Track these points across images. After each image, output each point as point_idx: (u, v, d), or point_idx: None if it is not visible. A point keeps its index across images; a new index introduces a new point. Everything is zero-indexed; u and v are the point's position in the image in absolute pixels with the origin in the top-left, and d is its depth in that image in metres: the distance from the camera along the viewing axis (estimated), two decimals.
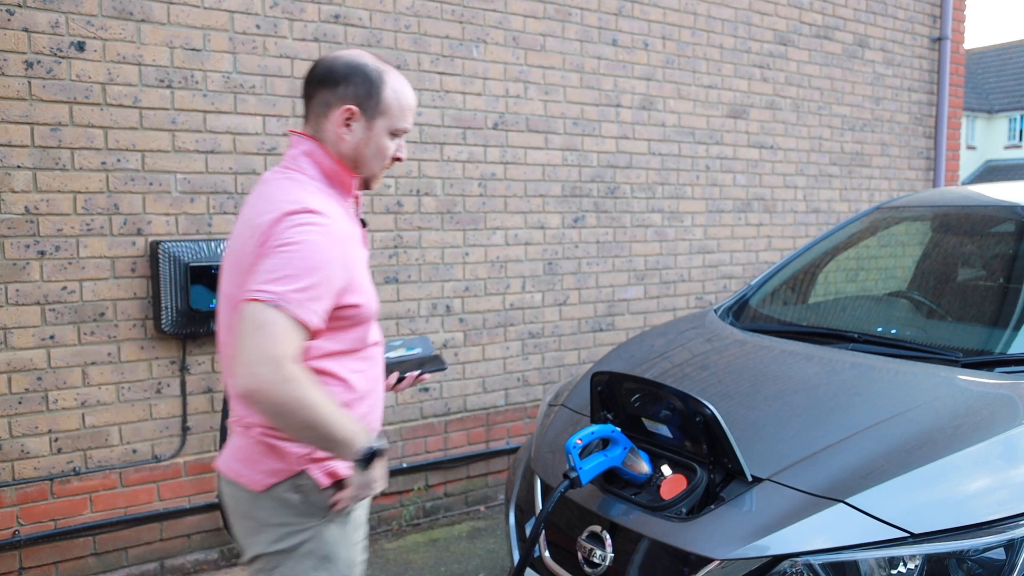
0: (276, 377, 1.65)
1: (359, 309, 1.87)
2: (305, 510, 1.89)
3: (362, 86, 1.90)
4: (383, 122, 1.93)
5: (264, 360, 1.66)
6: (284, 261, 1.73)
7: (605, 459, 2.35)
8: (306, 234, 1.75)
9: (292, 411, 1.68)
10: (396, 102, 1.94)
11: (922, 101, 6.77)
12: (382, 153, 1.95)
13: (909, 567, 1.94)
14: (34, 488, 3.49)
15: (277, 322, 1.68)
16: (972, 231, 3.67)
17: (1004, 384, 2.49)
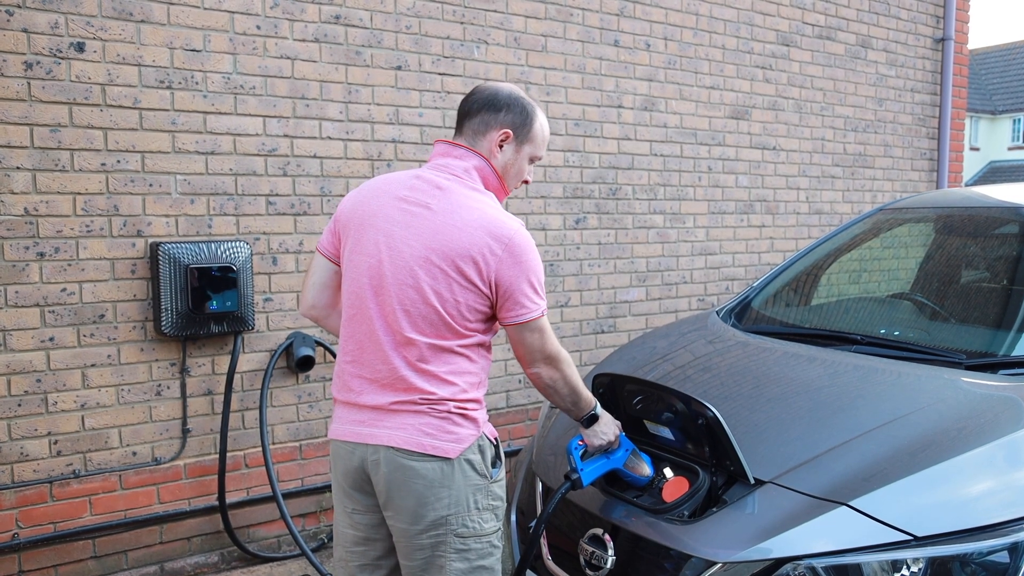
0: (561, 368, 2.22)
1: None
2: (483, 467, 2.18)
3: (519, 115, 2.23)
4: (528, 148, 2.27)
5: (555, 359, 2.21)
6: (535, 276, 2.15)
7: (606, 461, 2.35)
8: (533, 249, 2.16)
9: (561, 385, 2.25)
10: (541, 133, 2.29)
11: (925, 102, 6.76)
12: (521, 174, 2.30)
13: (912, 570, 1.93)
14: (33, 491, 3.48)
15: (548, 327, 2.20)
16: (975, 233, 3.65)
17: (1008, 386, 2.47)
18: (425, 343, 2.10)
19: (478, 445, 2.16)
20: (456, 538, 2.12)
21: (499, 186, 2.25)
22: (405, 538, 2.15)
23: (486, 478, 2.17)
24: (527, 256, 2.12)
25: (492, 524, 2.19)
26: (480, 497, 2.15)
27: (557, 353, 2.22)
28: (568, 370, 2.25)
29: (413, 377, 2.10)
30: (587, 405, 2.31)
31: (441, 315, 2.08)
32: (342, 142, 4.09)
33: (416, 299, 2.08)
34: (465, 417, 2.14)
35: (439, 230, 2.08)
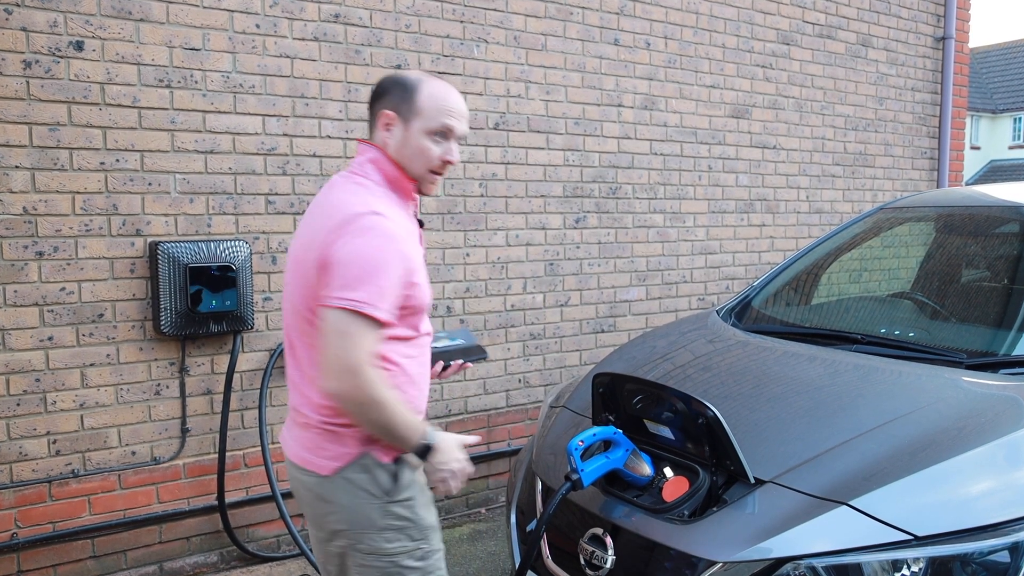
0: (355, 383, 1.90)
1: (416, 300, 2.05)
2: (374, 487, 2.05)
3: (399, 93, 2.09)
4: (418, 123, 2.07)
5: (347, 366, 1.90)
6: (357, 265, 1.93)
7: (607, 461, 2.34)
8: (373, 235, 1.95)
9: (366, 408, 1.94)
10: (432, 103, 2.08)
11: (926, 101, 6.75)
12: (423, 155, 2.08)
13: (913, 570, 1.92)
14: (32, 490, 3.48)
15: (356, 327, 1.91)
16: (976, 232, 3.65)
17: (1008, 385, 2.47)
18: (304, 352, 2.07)
19: (360, 464, 2.04)
20: (357, 553, 2.07)
21: (399, 174, 2.09)
22: (317, 544, 2.19)
23: (379, 498, 2.04)
24: (363, 236, 1.93)
25: (398, 544, 2.06)
26: (377, 517, 2.05)
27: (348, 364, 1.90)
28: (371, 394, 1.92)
29: (303, 387, 2.09)
30: (410, 436, 2.01)
31: (309, 318, 2.01)
32: (342, 141, 4.08)
33: (297, 302, 2.05)
34: (335, 435, 2.05)
35: (308, 229, 2.05)
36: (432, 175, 2.13)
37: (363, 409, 1.94)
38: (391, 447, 2.05)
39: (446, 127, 2.09)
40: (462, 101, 2.14)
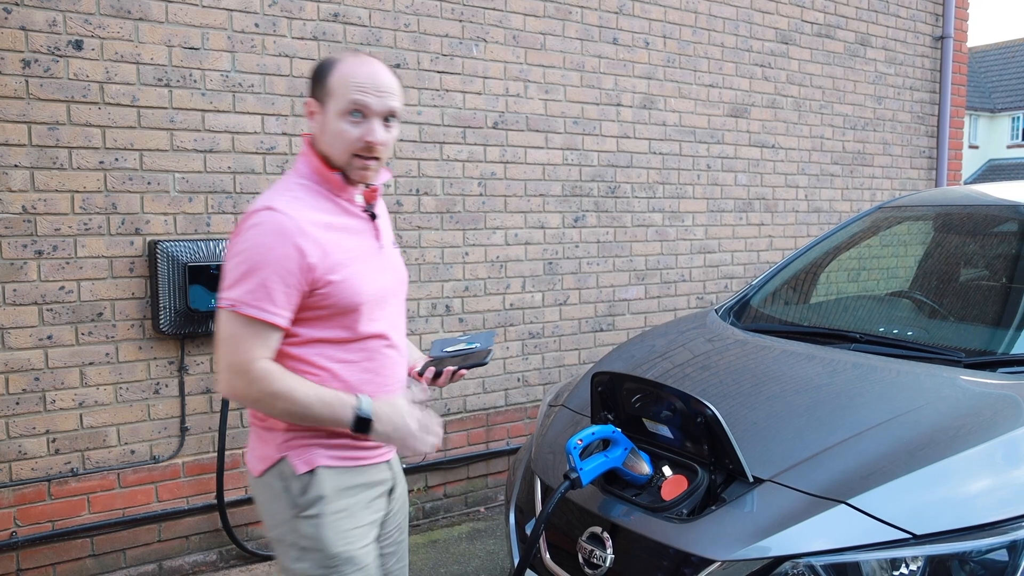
0: (244, 381, 1.86)
1: (336, 299, 1.91)
2: (286, 498, 1.97)
3: (316, 77, 1.97)
4: (332, 105, 1.93)
5: (231, 367, 1.86)
6: (237, 263, 1.86)
7: (606, 460, 2.34)
8: (256, 232, 1.86)
9: (269, 405, 1.88)
10: (341, 81, 1.92)
11: (924, 100, 6.76)
12: (342, 137, 1.92)
13: (911, 568, 1.93)
14: (32, 489, 3.48)
15: (238, 328, 1.84)
16: (974, 231, 3.65)
17: (1007, 384, 2.47)
18: None
19: (278, 470, 1.97)
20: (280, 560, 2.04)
21: (320, 164, 1.97)
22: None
23: (290, 509, 1.96)
24: (247, 233, 1.86)
25: (301, 566, 1.96)
26: (287, 529, 1.97)
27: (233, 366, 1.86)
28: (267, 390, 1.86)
29: None
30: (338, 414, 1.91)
31: None
32: None
33: None
34: (262, 436, 2.00)
35: None
36: (358, 160, 1.95)
37: (267, 406, 1.89)
38: (309, 456, 1.95)
39: (356, 103, 1.91)
40: (381, 74, 1.95)
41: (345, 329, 1.95)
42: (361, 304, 1.95)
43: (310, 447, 1.97)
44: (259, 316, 1.83)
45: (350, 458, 2.01)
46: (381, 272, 2.04)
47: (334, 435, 1.98)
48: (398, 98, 1.98)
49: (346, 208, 2.00)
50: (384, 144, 1.96)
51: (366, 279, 1.97)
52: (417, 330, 4.39)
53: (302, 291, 1.87)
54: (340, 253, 1.93)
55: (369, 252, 2.02)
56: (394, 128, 2.00)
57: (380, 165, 2.00)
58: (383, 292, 2.03)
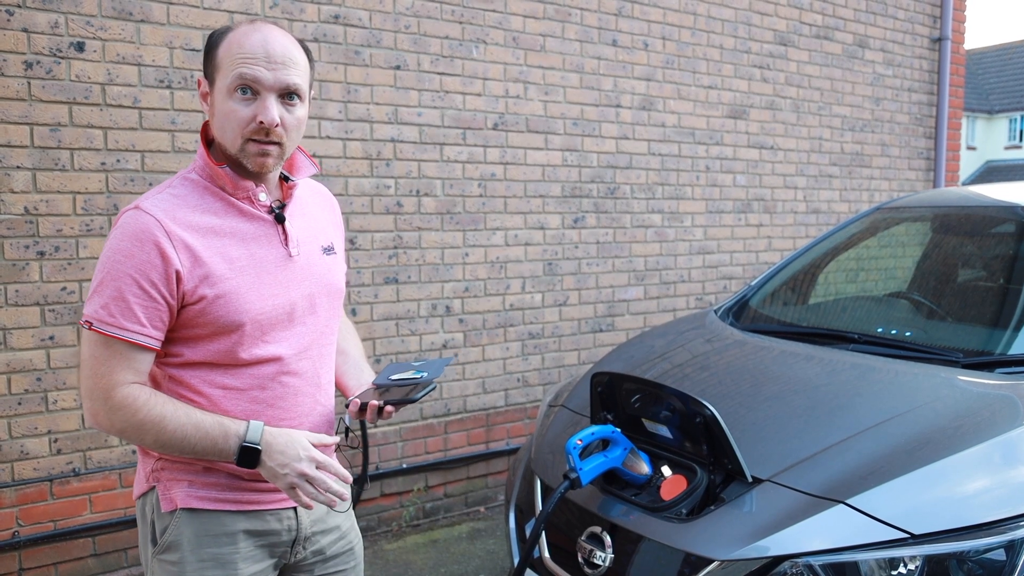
0: (105, 410, 1.60)
1: (216, 315, 1.63)
2: (148, 533, 1.73)
3: (206, 52, 1.68)
4: (220, 81, 1.63)
5: (91, 394, 1.61)
6: (96, 272, 1.61)
7: (605, 460, 2.35)
8: (115, 237, 1.60)
9: (136, 436, 1.62)
10: (227, 52, 1.62)
11: (922, 101, 6.77)
12: (229, 119, 1.62)
13: (909, 568, 1.94)
14: (33, 489, 3.49)
15: (96, 348, 1.59)
16: (972, 232, 3.66)
17: (1004, 385, 2.48)
18: None
19: (147, 499, 1.74)
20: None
21: (207, 160, 1.69)
22: None
23: (150, 545, 1.73)
24: (109, 237, 1.61)
25: None
26: (147, 567, 1.75)
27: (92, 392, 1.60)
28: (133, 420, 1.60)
29: None
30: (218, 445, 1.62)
31: None
32: (341, 141, 4.10)
33: None
34: (143, 455, 1.76)
35: None
36: (254, 145, 1.63)
37: (135, 437, 1.62)
38: (173, 492, 1.69)
39: (243, 78, 1.59)
40: (275, 42, 1.63)
41: (227, 353, 1.66)
42: (244, 324, 1.64)
43: (177, 482, 1.70)
44: (118, 335, 1.57)
45: (228, 500, 1.71)
46: (284, 286, 1.71)
47: (211, 470, 1.70)
48: (300, 72, 1.66)
49: (241, 209, 1.70)
50: (283, 126, 1.64)
51: (255, 294, 1.66)
52: (417, 331, 4.40)
53: (171, 305, 1.60)
54: (219, 263, 1.63)
55: (266, 262, 1.70)
56: (299, 108, 1.68)
57: (283, 152, 1.69)
58: (282, 309, 1.71)
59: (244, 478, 1.71)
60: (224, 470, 1.69)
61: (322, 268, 1.81)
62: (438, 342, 4.48)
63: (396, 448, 4.41)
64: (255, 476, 1.69)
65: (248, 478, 1.71)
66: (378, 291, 4.27)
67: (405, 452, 4.45)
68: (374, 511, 4.39)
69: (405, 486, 4.48)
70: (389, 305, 4.31)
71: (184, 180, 1.68)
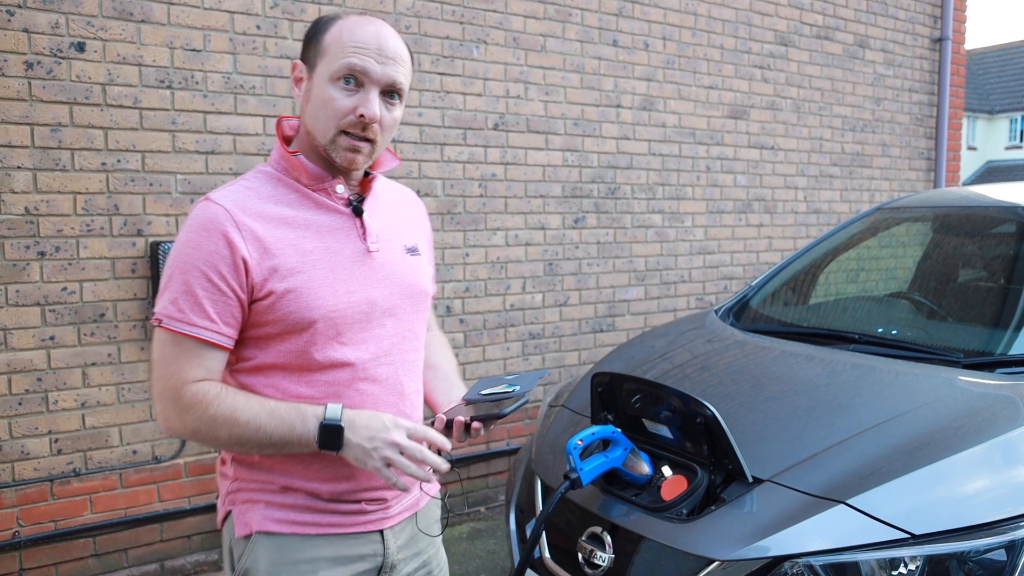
0: (176, 411, 1.50)
1: (284, 313, 1.52)
2: (229, 559, 1.64)
3: (309, 36, 1.60)
4: (322, 67, 1.56)
5: (161, 396, 1.52)
6: (166, 267, 1.53)
7: (605, 460, 2.35)
8: (185, 230, 1.52)
9: (211, 435, 1.52)
10: (337, 39, 1.55)
11: (923, 102, 6.77)
12: (327, 107, 1.54)
13: (910, 568, 1.94)
14: (34, 489, 3.49)
15: (166, 347, 1.51)
16: (973, 232, 3.66)
17: (1005, 385, 2.48)
18: None
19: (228, 525, 1.64)
20: None
21: (284, 151, 1.61)
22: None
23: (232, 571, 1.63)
24: (180, 231, 1.54)
25: None
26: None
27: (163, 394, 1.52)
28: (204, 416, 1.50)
29: None
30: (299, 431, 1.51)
31: None
32: None
33: None
34: (221, 478, 1.67)
35: None
36: (346, 139, 1.56)
37: (209, 437, 1.52)
38: (249, 515, 1.59)
39: (352, 67, 1.53)
40: (389, 38, 1.58)
41: (300, 354, 1.55)
42: (315, 322, 1.53)
43: (253, 503, 1.59)
44: (186, 332, 1.48)
45: (308, 524, 1.59)
46: (362, 283, 1.60)
47: (289, 490, 1.58)
48: (406, 71, 1.62)
49: (317, 200, 1.61)
50: (382, 123, 1.58)
51: (329, 290, 1.55)
52: None
53: (240, 298, 1.51)
54: (291, 255, 1.54)
55: (342, 256, 1.59)
56: (397, 109, 1.62)
57: (374, 152, 1.61)
58: (361, 308, 1.59)
59: (324, 498, 1.59)
60: (303, 490, 1.58)
61: (405, 268, 1.68)
62: None
63: None
64: (337, 496, 1.59)
65: (329, 498, 1.59)
66: None
67: None
68: None
69: None
70: None
71: (259, 173, 1.61)
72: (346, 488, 1.59)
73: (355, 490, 1.60)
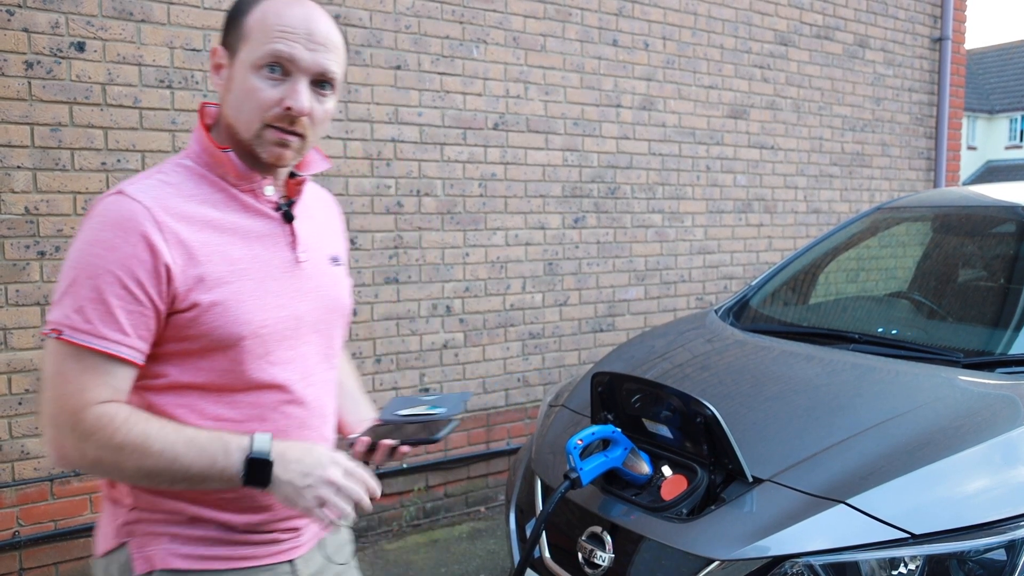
0: (73, 439, 1.29)
1: (209, 327, 1.35)
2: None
3: (231, 18, 1.46)
4: (245, 53, 1.40)
5: (54, 422, 1.31)
6: (66, 270, 1.31)
7: (605, 460, 2.35)
8: (92, 227, 1.32)
9: (116, 466, 1.31)
10: (261, 21, 1.39)
11: (923, 101, 6.77)
12: (251, 98, 1.38)
13: (910, 568, 1.94)
14: (34, 489, 3.49)
15: (64, 363, 1.29)
16: (973, 232, 3.66)
17: (1005, 385, 2.48)
18: None
19: (116, 560, 1.41)
20: None
21: (210, 143, 1.43)
22: None
23: None
24: (83, 228, 1.33)
25: None
26: None
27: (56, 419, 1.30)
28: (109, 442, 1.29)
29: None
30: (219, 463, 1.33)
31: None
32: (341, 141, 4.10)
33: None
34: (108, 506, 1.45)
35: None
36: (273, 132, 1.40)
37: (114, 468, 1.32)
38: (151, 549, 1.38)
39: (277, 54, 1.37)
40: (319, 22, 1.43)
41: (225, 373, 1.38)
42: (244, 338, 1.37)
43: (156, 536, 1.39)
44: (93, 345, 1.28)
45: (217, 558, 1.42)
46: (290, 297, 1.45)
47: (198, 520, 1.40)
48: (339, 59, 1.45)
49: (245, 203, 1.44)
50: (312, 116, 1.42)
51: (258, 304, 1.40)
52: (418, 331, 4.40)
53: (158, 309, 1.32)
54: (219, 263, 1.37)
55: (271, 266, 1.44)
56: (329, 100, 1.46)
57: (304, 147, 1.45)
58: (290, 324, 1.45)
59: (239, 529, 1.42)
60: (215, 521, 1.41)
61: (329, 280, 1.56)
62: (438, 342, 4.48)
63: None
64: (252, 527, 1.43)
65: (243, 529, 1.43)
66: (378, 291, 4.27)
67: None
68: (374, 511, 4.39)
69: (405, 486, 4.48)
70: (389, 305, 4.31)
71: (177, 166, 1.42)
72: (263, 519, 1.44)
73: (271, 520, 1.46)
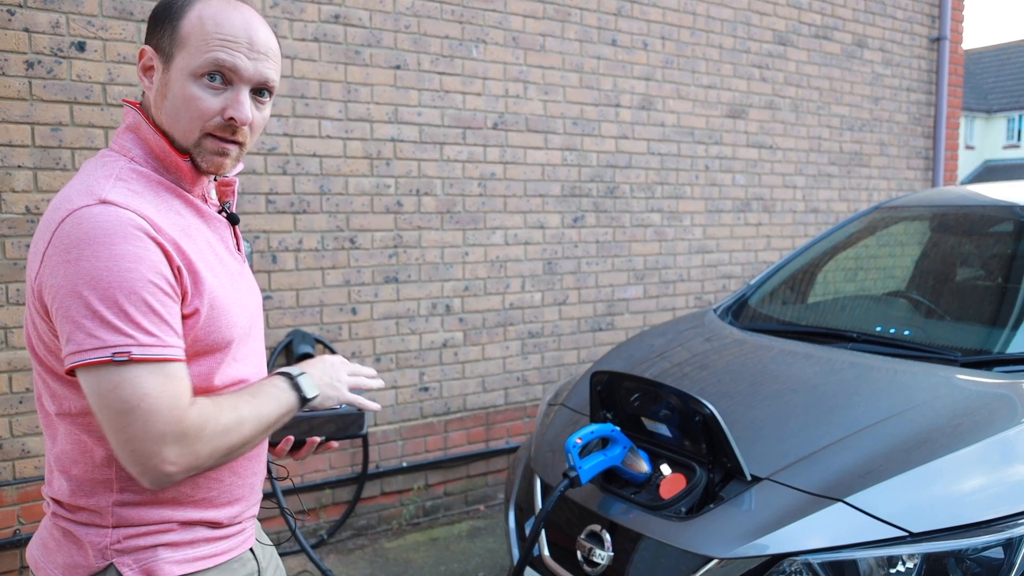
0: (185, 449, 1.26)
1: (205, 332, 1.35)
2: None
3: (162, 18, 1.38)
4: (182, 60, 1.35)
5: (161, 442, 1.24)
6: (87, 298, 1.22)
7: (605, 458, 2.36)
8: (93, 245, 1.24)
9: (224, 447, 1.31)
10: (200, 28, 1.35)
11: (921, 101, 6.78)
12: (190, 107, 1.35)
13: (908, 566, 1.95)
14: (35, 487, 3.49)
15: (147, 382, 1.23)
16: (971, 231, 3.67)
17: (1003, 383, 2.49)
18: (41, 409, 1.43)
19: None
20: None
21: (167, 146, 1.38)
22: None
23: None
24: (83, 249, 1.23)
25: None
26: None
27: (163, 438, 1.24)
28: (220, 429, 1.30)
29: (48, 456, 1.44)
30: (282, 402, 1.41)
31: (36, 366, 1.40)
32: (341, 141, 4.10)
33: (28, 341, 1.43)
34: (69, 535, 1.39)
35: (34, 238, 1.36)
36: (213, 142, 1.38)
37: (225, 447, 1.32)
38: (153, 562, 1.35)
39: (219, 63, 1.35)
40: (259, 29, 1.44)
41: (207, 375, 1.37)
42: (232, 341, 1.40)
43: (151, 549, 1.36)
44: (165, 356, 1.25)
45: (210, 556, 1.43)
46: (245, 295, 1.48)
47: (188, 524, 1.39)
48: (276, 67, 1.46)
49: (200, 208, 1.43)
50: (252, 124, 1.41)
51: (236, 306, 1.41)
52: (417, 330, 4.41)
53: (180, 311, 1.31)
54: (202, 267, 1.35)
55: (230, 269, 1.45)
56: (267, 107, 1.46)
57: (241, 154, 1.45)
58: (248, 322, 1.47)
59: (223, 524, 1.44)
60: (202, 521, 1.40)
61: (251, 277, 1.58)
62: (438, 341, 4.49)
63: (396, 447, 4.42)
64: (231, 520, 1.45)
65: (226, 524, 1.44)
66: (378, 290, 4.28)
67: (405, 451, 4.46)
68: (374, 509, 4.40)
69: (405, 484, 4.49)
70: (389, 304, 4.32)
71: (133, 172, 1.36)
72: (238, 510, 1.48)
73: (244, 510, 1.50)
